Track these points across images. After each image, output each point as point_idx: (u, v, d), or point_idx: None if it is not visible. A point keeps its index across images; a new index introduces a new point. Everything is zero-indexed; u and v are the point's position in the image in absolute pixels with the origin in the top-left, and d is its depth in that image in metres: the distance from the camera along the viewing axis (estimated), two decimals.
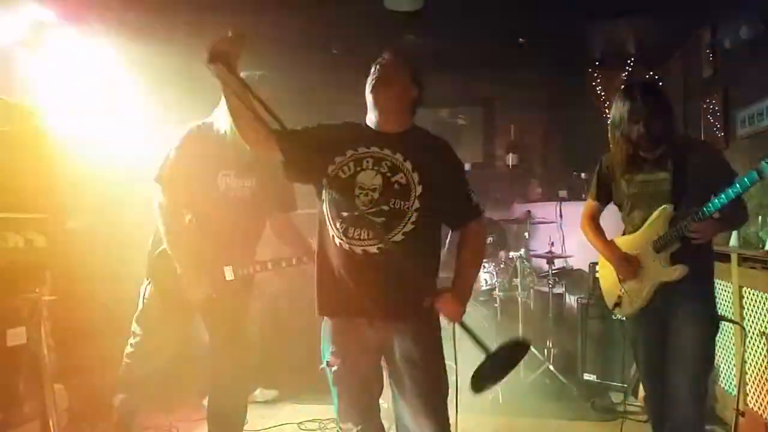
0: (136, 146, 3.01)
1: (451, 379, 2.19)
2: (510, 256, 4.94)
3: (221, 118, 2.73)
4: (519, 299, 4.64)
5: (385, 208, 2.12)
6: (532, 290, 4.79)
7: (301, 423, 3.90)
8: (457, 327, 2.15)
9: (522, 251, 4.86)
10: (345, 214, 2.14)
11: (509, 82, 6.14)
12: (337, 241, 2.14)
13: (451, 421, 2.19)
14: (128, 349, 2.92)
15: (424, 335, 2.19)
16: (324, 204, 2.21)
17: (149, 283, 2.90)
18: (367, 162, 2.18)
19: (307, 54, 5.32)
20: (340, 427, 2.25)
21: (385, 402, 2.35)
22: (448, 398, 2.20)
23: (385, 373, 2.29)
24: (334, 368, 2.18)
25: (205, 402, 3.06)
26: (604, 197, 2.92)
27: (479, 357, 2.07)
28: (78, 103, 3.79)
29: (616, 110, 2.71)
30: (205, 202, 2.78)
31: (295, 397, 4.33)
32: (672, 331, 2.62)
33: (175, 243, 2.75)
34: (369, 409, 2.23)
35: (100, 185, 3.75)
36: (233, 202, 2.82)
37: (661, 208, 2.61)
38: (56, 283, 3.03)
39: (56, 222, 3.36)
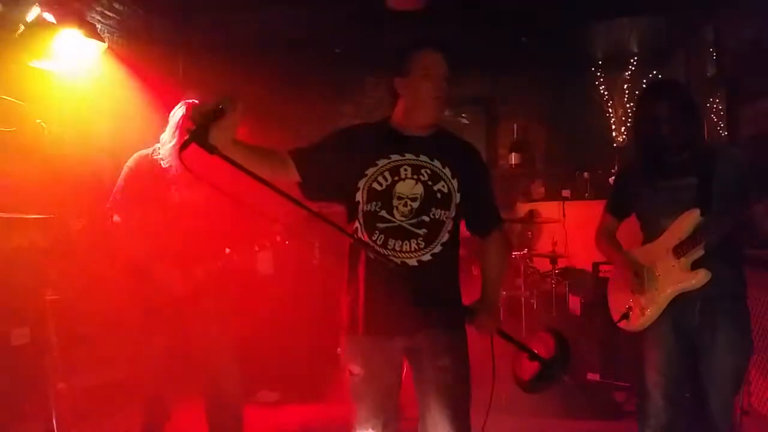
0: (139, 147, 3.02)
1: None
2: (513, 256, 4.93)
3: (164, 148, 2.89)
4: (522, 299, 4.64)
5: (426, 218, 2.06)
6: (535, 290, 4.78)
7: (303, 423, 3.90)
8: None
9: (525, 251, 4.86)
10: (382, 225, 2.05)
11: (512, 82, 6.15)
12: (372, 254, 2.03)
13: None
14: (135, 372, 3.08)
15: (456, 342, 2.15)
16: (355, 222, 2.09)
17: (127, 302, 3.01)
18: (405, 170, 2.07)
19: (310, 53, 5.33)
20: None
21: None
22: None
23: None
24: (358, 377, 2.10)
25: None
26: (622, 211, 2.74)
27: None
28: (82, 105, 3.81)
29: (640, 111, 2.57)
30: (162, 214, 2.90)
31: (298, 398, 4.33)
32: (706, 353, 2.44)
33: (140, 253, 2.86)
34: (391, 414, 2.14)
35: (103, 186, 3.75)
36: (189, 208, 2.94)
37: (688, 212, 2.42)
38: (60, 283, 3.04)
39: (59, 223, 3.37)
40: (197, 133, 1.66)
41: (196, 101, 2.94)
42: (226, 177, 1.93)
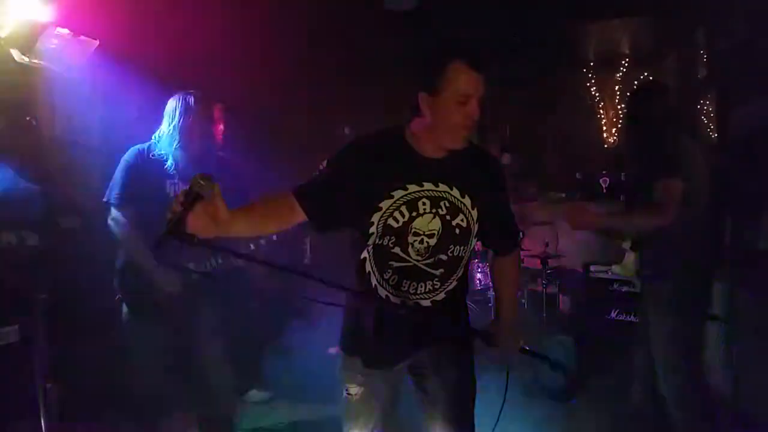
0: (130, 144, 3.01)
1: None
2: None
3: (161, 142, 2.89)
4: None
5: (443, 257, 1.90)
6: (525, 290, 4.80)
7: (295, 422, 3.89)
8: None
9: None
10: (396, 264, 1.90)
11: (504, 82, 6.16)
12: (383, 292, 1.93)
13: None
14: (126, 370, 3.08)
15: (461, 357, 2.06)
16: (363, 251, 1.93)
17: (120, 300, 2.98)
18: (424, 204, 1.84)
19: (306, 52, 5.32)
20: None
21: None
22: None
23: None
24: (356, 397, 1.99)
25: None
26: None
27: None
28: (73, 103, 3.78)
29: None
30: (158, 209, 2.85)
31: (290, 397, 4.32)
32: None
33: (140, 251, 2.84)
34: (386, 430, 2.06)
35: (93, 184, 3.73)
36: None
37: None
38: (49, 282, 3.02)
39: (49, 221, 3.35)
40: (172, 226, 1.57)
41: (191, 92, 2.94)
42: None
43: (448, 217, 1.87)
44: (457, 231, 1.89)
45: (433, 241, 1.87)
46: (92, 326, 3.78)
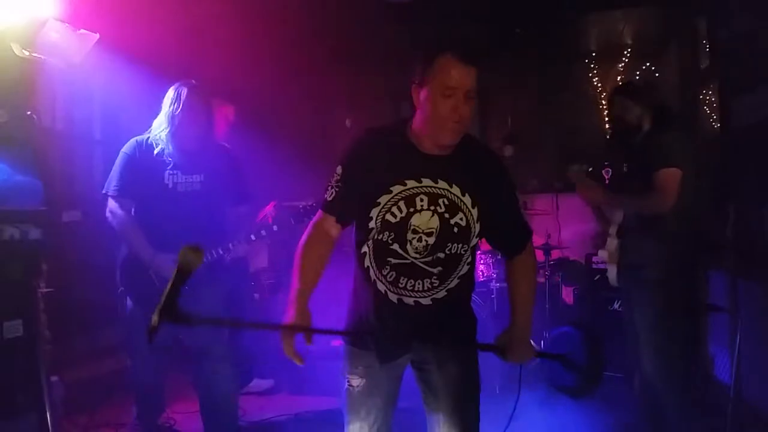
0: (131, 137, 3.02)
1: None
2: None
3: (158, 131, 2.93)
4: None
5: (442, 255, 1.88)
6: None
7: (297, 414, 3.91)
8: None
9: None
10: (394, 261, 1.90)
11: (505, 73, 6.14)
12: (382, 288, 1.94)
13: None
14: (129, 362, 3.17)
15: (465, 351, 2.05)
16: (364, 245, 1.95)
17: (122, 292, 3.02)
18: (421, 201, 1.84)
19: (305, 45, 5.31)
20: None
21: None
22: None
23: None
24: (358, 389, 2.00)
25: None
26: None
27: None
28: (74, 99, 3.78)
29: None
30: (156, 199, 2.92)
31: (292, 388, 4.34)
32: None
33: (138, 242, 2.88)
34: (386, 425, 2.04)
35: (95, 178, 3.74)
36: (183, 195, 2.95)
37: None
38: (52, 275, 3.03)
39: (52, 214, 3.35)
40: (164, 311, 1.52)
41: (187, 82, 2.94)
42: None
43: (446, 215, 1.86)
44: (456, 230, 1.88)
45: (431, 240, 1.87)
46: (96, 319, 3.80)
